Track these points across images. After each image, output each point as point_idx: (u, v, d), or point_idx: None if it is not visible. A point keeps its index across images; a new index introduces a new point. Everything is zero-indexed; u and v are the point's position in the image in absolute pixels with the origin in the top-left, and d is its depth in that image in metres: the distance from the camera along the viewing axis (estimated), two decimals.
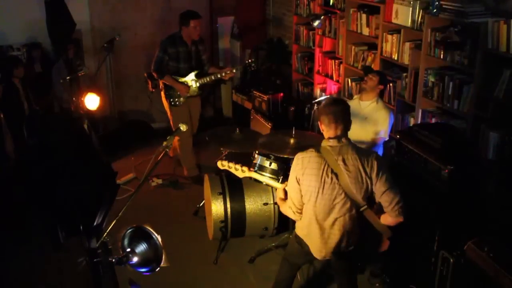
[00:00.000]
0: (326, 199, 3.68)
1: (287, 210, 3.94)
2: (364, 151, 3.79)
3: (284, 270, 4.28)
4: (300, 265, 4.35)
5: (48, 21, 7.50)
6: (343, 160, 3.63)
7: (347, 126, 3.73)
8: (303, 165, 3.72)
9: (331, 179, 3.64)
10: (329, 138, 3.72)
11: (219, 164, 4.43)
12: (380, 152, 5.15)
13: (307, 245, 3.89)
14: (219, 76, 6.73)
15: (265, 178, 4.52)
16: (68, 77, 7.27)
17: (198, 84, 6.69)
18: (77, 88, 7.45)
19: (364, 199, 3.69)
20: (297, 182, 3.76)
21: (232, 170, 4.40)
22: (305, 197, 3.76)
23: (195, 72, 6.66)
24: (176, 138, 6.79)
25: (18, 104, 6.87)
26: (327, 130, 3.73)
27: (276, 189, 4.41)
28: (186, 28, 6.51)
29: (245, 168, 4.36)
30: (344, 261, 3.95)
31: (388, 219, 3.74)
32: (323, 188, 3.66)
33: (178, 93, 6.68)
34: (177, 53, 6.58)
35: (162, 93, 6.82)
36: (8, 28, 7.57)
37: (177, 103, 6.74)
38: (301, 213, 3.87)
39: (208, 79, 6.70)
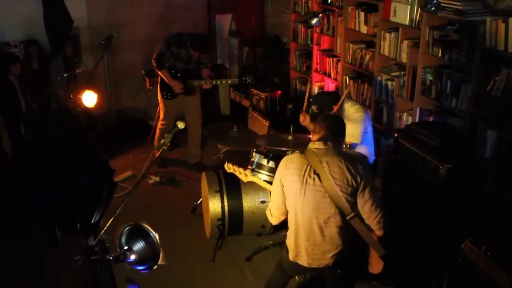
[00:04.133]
0: (310, 201, 3.60)
1: (267, 211, 3.97)
2: (351, 155, 3.73)
3: (277, 275, 4.21)
4: (291, 276, 4.24)
5: (45, 18, 7.48)
6: (327, 163, 3.57)
7: (336, 134, 3.72)
8: (287, 165, 3.70)
9: (313, 179, 3.57)
10: (315, 140, 3.71)
11: (225, 167, 4.45)
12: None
13: (295, 254, 3.82)
14: (214, 83, 6.95)
15: (263, 176, 4.54)
16: (65, 74, 7.27)
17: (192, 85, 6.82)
18: (75, 85, 7.44)
19: (351, 206, 3.58)
20: (281, 184, 3.73)
21: (237, 174, 4.40)
22: (288, 199, 3.71)
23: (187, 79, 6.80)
24: (160, 123, 7.05)
25: (14, 101, 6.85)
26: (315, 135, 3.74)
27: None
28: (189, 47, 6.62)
29: (247, 172, 4.36)
30: (334, 273, 3.87)
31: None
32: (305, 189, 3.59)
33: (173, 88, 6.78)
34: (178, 53, 6.65)
35: (158, 84, 6.96)
36: (5, 25, 7.55)
37: (169, 97, 6.86)
38: (278, 217, 3.87)
39: (201, 83, 6.83)
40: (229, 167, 4.42)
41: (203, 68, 6.91)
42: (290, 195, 3.68)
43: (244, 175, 4.35)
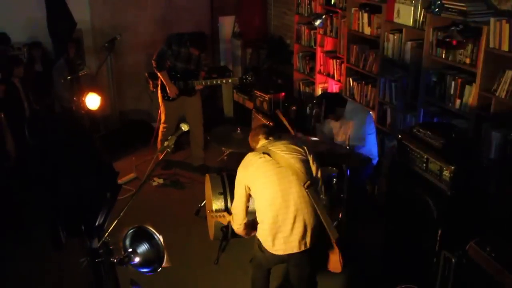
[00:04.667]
0: (275, 180, 3.83)
1: (236, 229, 4.21)
2: (289, 140, 4.11)
3: (256, 274, 4.36)
4: (269, 268, 4.36)
5: (48, 20, 7.51)
6: (274, 147, 3.95)
7: (271, 132, 4.17)
8: (246, 169, 3.98)
9: (264, 157, 3.89)
10: (258, 142, 4.14)
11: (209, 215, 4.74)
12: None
13: (269, 250, 3.96)
14: (214, 82, 7.01)
15: None
16: (69, 77, 7.28)
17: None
18: (78, 87, 7.45)
19: (307, 175, 3.86)
20: (245, 189, 3.97)
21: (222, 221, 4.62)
22: (257, 195, 3.92)
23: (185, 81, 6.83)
24: (162, 126, 7.10)
25: (18, 103, 6.87)
26: (256, 142, 4.17)
27: None
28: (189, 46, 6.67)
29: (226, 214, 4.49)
30: (308, 256, 4.01)
31: None
32: (265, 170, 3.86)
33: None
34: (178, 52, 6.68)
35: (159, 86, 6.99)
36: (9, 27, 7.57)
37: (170, 98, 6.89)
38: (241, 224, 4.09)
39: (202, 83, 6.88)
40: (212, 216, 4.58)
41: (200, 69, 6.93)
42: (259, 190, 3.90)
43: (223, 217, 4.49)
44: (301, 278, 4.17)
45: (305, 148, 4.00)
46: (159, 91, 6.99)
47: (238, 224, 4.12)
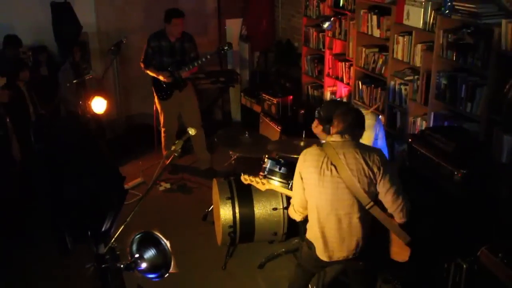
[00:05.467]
0: (328, 193, 3.69)
1: (290, 208, 4.06)
2: (367, 147, 3.85)
3: (297, 277, 4.27)
4: (314, 273, 4.31)
5: (54, 24, 7.54)
6: (344, 155, 3.67)
7: (353, 127, 3.81)
8: (305, 158, 3.81)
9: (331, 171, 3.67)
10: (333, 134, 3.81)
11: (242, 178, 4.53)
12: None
13: (315, 248, 3.89)
14: (196, 64, 6.90)
15: (275, 183, 4.57)
16: (74, 81, 7.32)
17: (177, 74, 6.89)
18: (84, 91, 7.48)
19: (370, 196, 3.67)
20: (300, 177, 3.83)
21: (254, 184, 4.48)
22: (307, 192, 3.80)
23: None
24: (162, 131, 7.18)
25: (23, 108, 6.91)
26: (333, 128, 3.84)
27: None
28: (168, 25, 6.78)
29: (265, 181, 4.44)
30: (356, 265, 3.95)
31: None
32: (323, 181, 3.69)
33: (164, 84, 6.89)
34: (159, 47, 6.83)
35: (153, 88, 7.10)
36: (14, 31, 7.61)
37: (164, 96, 6.98)
38: (302, 212, 3.95)
39: (186, 69, 6.86)
40: (246, 179, 4.50)
41: (190, 64, 6.90)
42: (309, 187, 3.78)
43: (261, 184, 4.43)
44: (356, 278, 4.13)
45: (379, 163, 3.68)
46: (154, 93, 7.09)
47: (297, 216, 4.04)
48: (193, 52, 6.98)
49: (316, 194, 3.75)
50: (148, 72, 6.93)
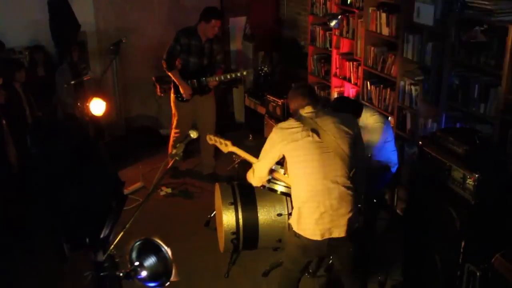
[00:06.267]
0: (315, 160, 3.78)
1: (249, 172, 4.25)
2: (339, 113, 4.06)
3: (288, 270, 4.32)
4: (299, 277, 4.33)
5: (51, 23, 7.57)
6: (322, 122, 3.85)
7: (315, 97, 4.05)
8: (283, 134, 3.90)
9: (312, 136, 3.79)
10: (304, 107, 3.95)
11: (207, 138, 4.72)
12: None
13: (304, 234, 3.90)
14: (229, 77, 6.86)
15: (280, 187, 4.57)
16: (72, 82, 7.34)
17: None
18: (82, 92, 7.51)
19: (352, 161, 3.83)
20: (278, 155, 3.96)
21: (217, 144, 4.65)
22: (293, 170, 3.89)
23: (197, 79, 6.77)
24: (173, 132, 7.06)
25: (19, 109, 6.92)
26: (299, 103, 3.98)
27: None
28: (205, 24, 6.60)
29: (228, 143, 4.57)
30: (348, 243, 3.99)
31: None
32: (308, 149, 3.79)
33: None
34: (188, 45, 6.65)
35: (172, 86, 6.94)
36: (10, 30, 7.65)
37: (184, 98, 6.82)
38: (261, 179, 4.22)
39: (216, 79, 6.78)
40: (211, 138, 4.66)
41: (216, 67, 6.87)
42: (295, 163, 3.87)
43: (224, 145, 4.58)
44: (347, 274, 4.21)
45: (354, 127, 3.97)
46: (172, 93, 6.94)
47: (256, 182, 4.23)
48: (220, 54, 6.91)
49: (303, 165, 3.82)
50: (171, 75, 6.74)
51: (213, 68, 6.85)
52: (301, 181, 3.86)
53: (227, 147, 4.55)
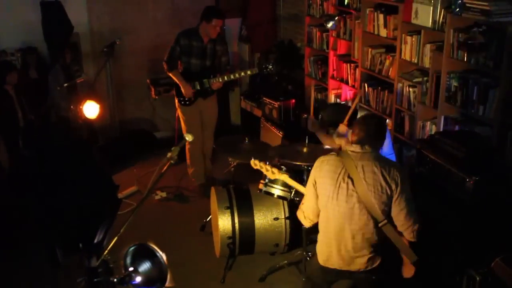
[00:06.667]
0: (342, 206, 3.69)
1: (299, 212, 4.08)
2: (387, 160, 3.82)
3: None
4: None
5: (44, 24, 7.55)
6: (362, 167, 3.66)
7: (374, 137, 3.77)
8: (321, 167, 3.81)
9: (347, 184, 3.67)
10: (352, 142, 3.78)
11: (252, 163, 4.58)
12: None
13: (326, 257, 3.89)
14: (232, 77, 6.74)
15: (277, 191, 4.58)
16: (65, 84, 7.31)
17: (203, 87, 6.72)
18: (75, 95, 7.50)
19: (383, 214, 3.67)
20: (313, 185, 3.84)
21: (263, 171, 4.53)
22: (321, 202, 3.81)
23: (201, 80, 6.68)
24: (187, 144, 6.81)
25: (11, 112, 6.90)
26: (353, 136, 3.80)
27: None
28: (206, 24, 6.51)
29: (275, 170, 4.47)
30: (368, 279, 3.92)
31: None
32: (337, 193, 3.69)
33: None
34: (189, 46, 6.58)
35: (174, 91, 6.85)
36: (1, 32, 7.63)
37: (187, 102, 6.74)
38: (312, 220, 3.98)
39: (219, 80, 6.66)
40: (256, 164, 4.54)
41: (223, 70, 6.81)
42: (323, 197, 3.79)
43: (271, 172, 4.46)
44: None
45: (398, 180, 3.66)
46: (175, 97, 6.85)
47: (308, 222, 4.06)
48: (225, 56, 6.84)
49: (329, 206, 3.75)
50: (171, 75, 6.67)
51: (217, 70, 6.76)
52: (324, 218, 3.84)
53: (274, 174, 4.47)
